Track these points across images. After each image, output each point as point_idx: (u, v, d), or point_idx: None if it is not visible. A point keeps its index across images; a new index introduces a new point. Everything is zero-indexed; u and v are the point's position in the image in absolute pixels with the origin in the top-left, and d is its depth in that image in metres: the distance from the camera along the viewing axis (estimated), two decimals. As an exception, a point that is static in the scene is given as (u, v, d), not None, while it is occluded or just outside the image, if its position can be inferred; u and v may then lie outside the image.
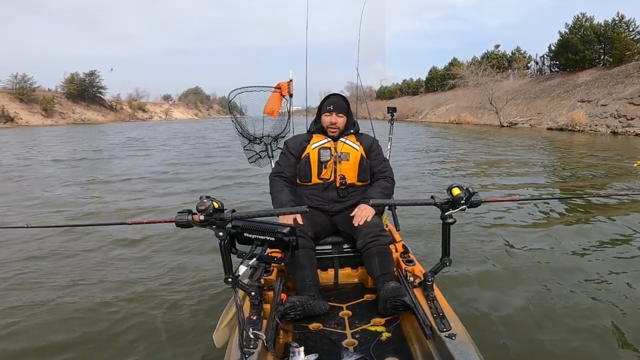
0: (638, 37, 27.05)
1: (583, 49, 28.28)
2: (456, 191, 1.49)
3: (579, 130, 20.82)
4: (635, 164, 8.24)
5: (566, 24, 30.35)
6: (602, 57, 28.23)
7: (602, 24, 28.37)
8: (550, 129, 22.97)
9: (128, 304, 2.66)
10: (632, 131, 18.35)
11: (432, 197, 1.56)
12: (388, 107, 3.11)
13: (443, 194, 1.55)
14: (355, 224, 1.96)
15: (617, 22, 27.83)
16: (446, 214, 1.53)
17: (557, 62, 31.61)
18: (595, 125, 20.77)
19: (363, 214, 1.97)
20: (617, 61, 26.08)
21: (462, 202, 1.48)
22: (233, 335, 1.46)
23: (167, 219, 1.42)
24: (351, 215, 1.99)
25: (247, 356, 1.29)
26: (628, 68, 24.58)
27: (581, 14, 29.61)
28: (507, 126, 26.72)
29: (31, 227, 1.66)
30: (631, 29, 27.50)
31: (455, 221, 1.54)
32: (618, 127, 19.53)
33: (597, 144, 14.47)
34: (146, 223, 1.58)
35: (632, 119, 19.53)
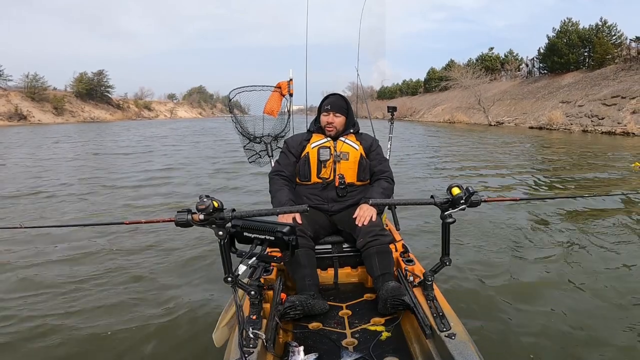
0: (619, 41, 28.51)
1: (568, 53, 29.90)
2: (456, 191, 1.49)
3: (555, 129, 22.67)
4: (633, 165, 8.26)
5: (553, 28, 32.32)
6: (587, 60, 29.71)
7: (587, 28, 30.01)
8: (531, 127, 24.84)
9: (126, 303, 2.66)
10: (599, 129, 20.06)
11: (431, 196, 1.56)
12: (388, 107, 3.11)
13: (443, 194, 1.55)
14: (359, 225, 1.93)
15: (600, 26, 29.35)
16: (446, 213, 1.53)
17: (545, 65, 33.18)
18: (570, 124, 22.57)
19: (365, 214, 1.95)
20: (599, 64, 27.52)
21: (461, 201, 1.48)
22: (233, 335, 1.46)
23: (167, 219, 1.42)
24: (353, 217, 1.97)
25: (246, 355, 1.28)
26: (606, 71, 26.07)
27: (567, 18, 31.41)
28: (494, 125, 28.45)
29: (25, 227, 1.62)
30: (613, 33, 28.98)
31: (455, 221, 1.54)
32: (588, 126, 21.28)
33: (568, 141, 15.90)
34: (145, 223, 1.57)
35: (602, 118, 21.28)
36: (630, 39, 27.63)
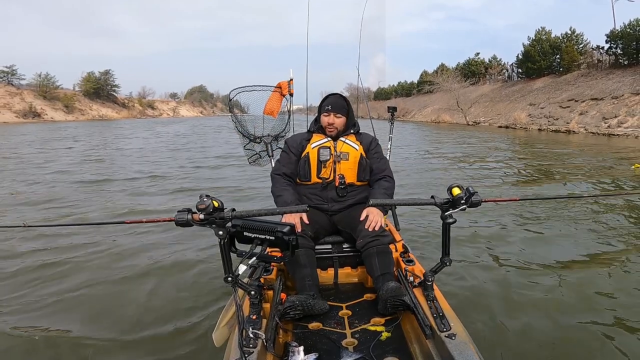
0: (585, 49, 30.25)
1: (540, 59, 31.89)
2: (456, 191, 1.49)
3: (518, 128, 25.65)
4: (633, 167, 8.27)
5: (528, 36, 34.19)
6: (558, 66, 31.35)
7: (560, 36, 31.91)
8: (500, 126, 27.64)
9: (125, 302, 2.66)
10: (551, 128, 23.21)
11: (432, 197, 1.56)
12: (388, 107, 3.12)
13: (443, 194, 1.55)
14: (370, 229, 1.91)
15: (569, 35, 31.39)
16: (446, 213, 1.52)
17: (520, 70, 35.21)
18: (531, 124, 25.42)
19: (375, 219, 1.93)
20: (566, 70, 29.52)
21: (462, 201, 1.47)
22: (232, 335, 1.46)
23: (167, 218, 1.42)
24: (360, 219, 1.95)
25: (246, 355, 1.28)
26: (570, 77, 28.35)
27: (541, 27, 33.47)
28: (471, 124, 31.06)
29: (28, 226, 1.62)
30: (580, 41, 30.92)
31: (455, 221, 1.54)
32: (544, 125, 24.16)
33: (522, 137, 18.32)
34: (145, 222, 1.57)
35: (557, 119, 24.13)
36: (592, 48, 29.39)
